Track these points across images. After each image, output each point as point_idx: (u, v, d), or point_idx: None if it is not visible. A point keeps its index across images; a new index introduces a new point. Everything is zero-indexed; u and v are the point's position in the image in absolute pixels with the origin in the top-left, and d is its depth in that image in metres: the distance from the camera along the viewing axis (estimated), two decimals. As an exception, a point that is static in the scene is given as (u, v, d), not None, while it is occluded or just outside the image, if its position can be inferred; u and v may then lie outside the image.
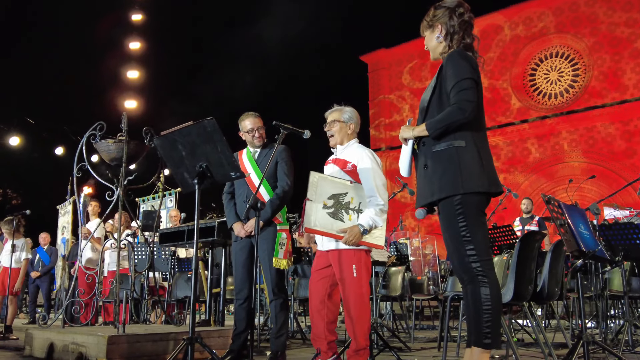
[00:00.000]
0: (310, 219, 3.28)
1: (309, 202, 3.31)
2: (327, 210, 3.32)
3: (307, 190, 3.33)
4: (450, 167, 2.52)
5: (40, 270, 9.30)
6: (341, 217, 3.33)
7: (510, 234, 5.20)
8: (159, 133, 4.55)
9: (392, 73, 23.15)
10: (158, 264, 6.94)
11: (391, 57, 23.21)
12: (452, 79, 2.56)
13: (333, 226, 3.30)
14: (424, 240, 8.64)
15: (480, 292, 2.45)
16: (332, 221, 3.31)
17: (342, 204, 3.34)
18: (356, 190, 3.38)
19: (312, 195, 3.30)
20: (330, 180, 3.38)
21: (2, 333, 6.22)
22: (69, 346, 3.93)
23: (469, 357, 2.48)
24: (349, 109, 3.64)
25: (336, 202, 3.34)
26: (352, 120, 3.60)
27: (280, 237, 4.09)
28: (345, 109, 3.63)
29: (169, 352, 3.96)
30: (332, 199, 3.33)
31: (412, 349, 4.88)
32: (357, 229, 3.26)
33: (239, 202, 4.13)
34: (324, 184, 3.34)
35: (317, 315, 3.45)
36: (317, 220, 3.28)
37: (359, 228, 3.26)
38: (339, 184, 3.37)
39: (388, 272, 6.31)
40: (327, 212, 3.32)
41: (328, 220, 3.30)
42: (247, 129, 4.16)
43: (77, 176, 4.68)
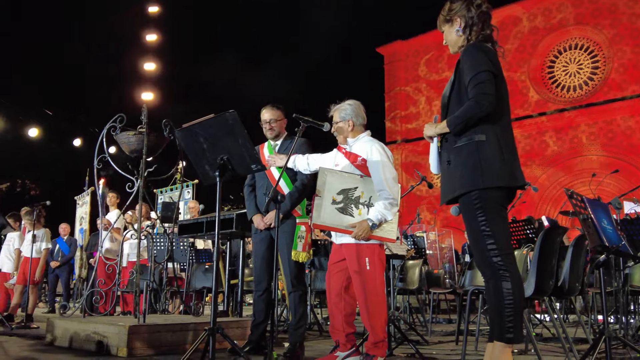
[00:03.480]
0: (318, 215, 3.29)
1: (318, 198, 3.31)
2: (336, 205, 3.32)
3: (316, 186, 3.34)
4: (470, 162, 2.51)
5: (60, 260, 9.43)
6: (351, 212, 3.32)
7: (530, 228, 5.16)
8: (177, 125, 4.59)
9: (408, 65, 23.01)
10: (176, 255, 6.99)
11: (407, 49, 23.07)
12: (469, 73, 2.54)
13: (342, 221, 3.30)
14: (440, 233, 8.63)
15: (502, 286, 2.43)
16: (341, 216, 3.31)
17: (351, 199, 3.34)
18: (366, 184, 3.37)
19: (321, 191, 3.31)
20: (339, 175, 3.37)
21: (23, 322, 6.33)
22: (90, 335, 3.99)
23: (491, 352, 2.47)
24: (345, 105, 3.59)
25: (345, 197, 3.33)
26: (349, 116, 3.55)
27: (299, 230, 4.09)
28: (342, 106, 3.59)
29: (188, 342, 4.01)
30: (341, 194, 3.33)
31: (429, 342, 4.87)
32: (366, 223, 3.26)
33: (259, 194, 4.14)
34: (332, 179, 3.34)
35: (334, 308, 3.47)
36: (326, 216, 3.29)
37: (368, 222, 3.26)
38: (348, 179, 3.37)
39: (405, 265, 6.30)
40: (336, 208, 3.32)
41: (337, 215, 3.30)
42: (262, 120, 4.18)
43: (97, 167, 4.72)
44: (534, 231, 5.22)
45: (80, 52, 17.71)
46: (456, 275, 8.55)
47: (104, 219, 6.41)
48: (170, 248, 4.80)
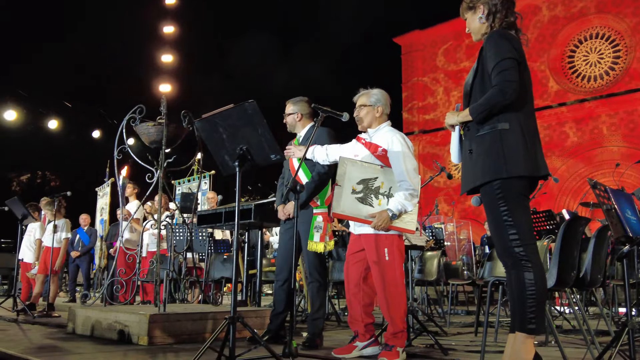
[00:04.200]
0: (338, 204, 3.28)
1: (337, 187, 3.30)
2: (355, 195, 3.31)
3: (336, 176, 3.33)
4: (493, 151, 2.48)
5: (80, 250, 9.56)
6: (370, 202, 3.31)
7: (550, 219, 5.11)
8: (195, 116, 4.61)
9: (425, 55, 22.81)
10: (195, 245, 7.05)
11: (425, 39, 22.85)
12: (492, 60, 2.51)
13: (362, 211, 3.29)
14: (458, 225, 8.58)
15: (524, 277, 2.41)
16: (360, 206, 3.30)
17: (371, 189, 3.32)
18: (386, 174, 3.35)
19: (341, 181, 3.30)
20: (359, 165, 3.36)
21: (45, 310, 6.42)
22: (111, 324, 4.04)
23: (513, 343, 2.45)
24: (376, 91, 3.58)
25: (365, 187, 3.32)
26: (379, 102, 3.54)
27: (315, 220, 4.09)
28: (372, 91, 3.58)
29: (208, 331, 4.05)
30: (361, 184, 3.32)
31: (448, 333, 4.86)
32: (386, 214, 3.24)
33: (283, 186, 4.19)
34: (352, 169, 3.32)
35: (353, 298, 3.48)
36: (345, 206, 3.28)
37: (388, 213, 3.24)
38: (368, 169, 3.35)
39: (424, 256, 6.28)
40: (356, 197, 3.30)
41: (356, 205, 3.29)
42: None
43: (117, 158, 4.76)
44: (555, 225, 5.16)
45: (99, 44, 17.84)
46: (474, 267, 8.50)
47: (124, 210, 6.46)
48: (190, 238, 4.84)
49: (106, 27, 17.81)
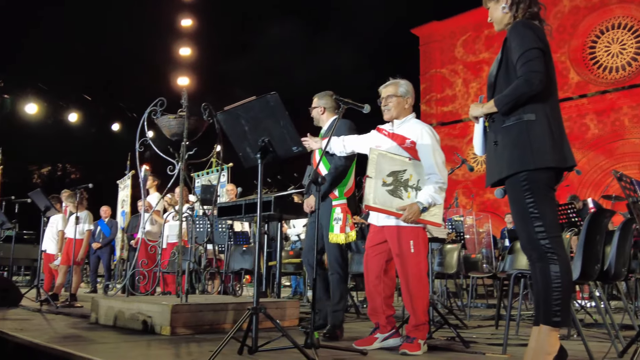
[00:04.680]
0: (369, 197, 3.27)
1: (369, 179, 3.29)
2: (386, 187, 3.29)
3: (367, 167, 3.32)
4: (520, 142, 2.45)
5: (101, 242, 9.68)
6: (400, 195, 3.30)
7: (573, 212, 5.05)
8: (215, 109, 4.64)
9: (444, 46, 22.58)
10: (214, 237, 7.11)
11: (444, 30, 22.61)
12: (517, 51, 2.48)
13: (392, 203, 3.28)
14: (478, 218, 8.52)
15: (550, 269, 2.39)
16: (391, 198, 3.29)
17: (401, 181, 3.31)
18: (415, 167, 3.34)
19: (372, 172, 3.28)
20: (389, 157, 3.34)
21: (68, 301, 6.52)
22: (134, 314, 4.09)
23: (537, 336, 2.44)
24: (404, 82, 3.57)
25: (395, 179, 3.31)
26: (408, 94, 3.53)
27: (334, 212, 4.10)
28: (401, 82, 3.56)
29: (229, 322, 4.08)
30: (391, 176, 3.31)
31: (468, 326, 4.84)
32: (417, 206, 3.23)
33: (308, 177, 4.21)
34: (383, 161, 3.31)
35: (374, 290, 3.47)
36: (377, 198, 3.27)
37: (418, 206, 3.23)
38: (398, 161, 3.34)
39: (443, 249, 6.26)
40: (387, 190, 3.29)
41: (387, 197, 3.28)
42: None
43: (139, 151, 4.80)
44: (576, 211, 5.10)
45: (118, 38, 17.96)
46: (494, 260, 8.46)
47: (146, 202, 6.52)
48: (211, 230, 4.88)
49: (125, 21, 17.91)
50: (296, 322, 4.63)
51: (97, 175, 16.37)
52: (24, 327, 3.97)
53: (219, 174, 5.84)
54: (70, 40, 17.92)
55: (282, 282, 9.68)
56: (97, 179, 7.68)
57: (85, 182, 7.18)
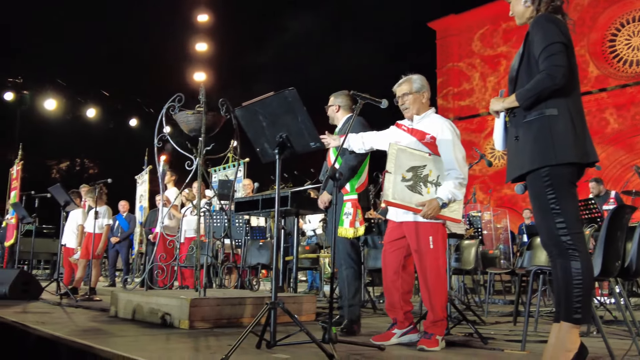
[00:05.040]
0: (388, 192, 3.26)
1: (388, 175, 3.27)
2: (405, 183, 3.28)
3: (386, 162, 3.31)
4: (541, 138, 2.42)
5: (120, 236, 9.79)
6: (419, 190, 3.28)
7: (592, 208, 4.99)
8: (232, 105, 4.66)
9: (461, 40, 22.38)
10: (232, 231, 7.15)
11: (461, 23, 22.41)
12: (539, 45, 2.44)
13: (412, 199, 3.27)
14: (495, 213, 8.46)
15: (571, 266, 2.37)
16: (410, 194, 3.27)
17: (420, 177, 3.29)
18: (435, 162, 3.31)
19: (391, 167, 3.27)
20: (409, 152, 3.33)
21: (87, 294, 6.61)
22: (152, 308, 4.13)
23: (557, 332, 2.42)
24: (417, 77, 3.53)
25: (415, 174, 3.29)
26: (423, 88, 3.50)
27: (344, 207, 4.11)
28: (414, 77, 3.53)
29: (247, 316, 4.11)
30: (410, 172, 3.29)
31: (486, 322, 4.82)
32: (436, 202, 3.21)
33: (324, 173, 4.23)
34: (402, 156, 3.29)
35: (392, 286, 3.47)
36: (396, 193, 3.25)
37: (438, 201, 3.21)
38: (417, 156, 3.32)
39: (461, 245, 6.23)
40: (406, 185, 3.28)
41: (407, 193, 3.27)
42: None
43: (157, 146, 4.84)
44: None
45: (135, 34, 18.08)
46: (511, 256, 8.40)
47: (164, 196, 6.58)
48: (228, 225, 4.90)
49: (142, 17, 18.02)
50: (313, 317, 4.64)
51: (115, 170, 16.52)
52: (45, 320, 4.03)
53: (236, 169, 5.86)
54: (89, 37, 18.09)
55: (298, 277, 9.72)
56: (115, 174, 7.76)
57: (104, 177, 7.26)
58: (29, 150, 12.28)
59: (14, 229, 10.14)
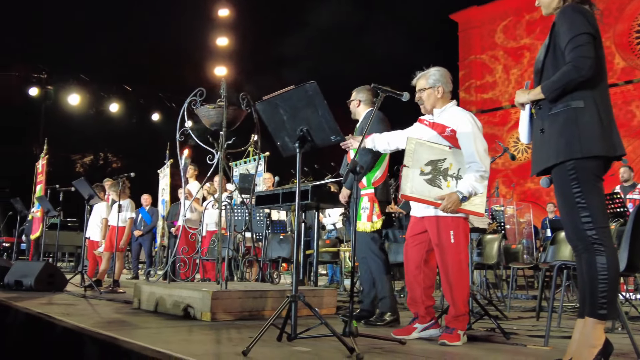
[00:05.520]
0: (406, 186, 3.24)
1: (406, 169, 3.26)
2: (424, 176, 3.25)
3: (404, 156, 3.29)
4: (567, 130, 2.38)
5: (143, 230, 9.91)
6: (439, 184, 3.25)
7: (618, 202, 4.90)
8: (253, 99, 4.67)
9: (484, 32, 22.10)
10: (252, 225, 7.18)
11: (483, 15, 22.12)
12: (566, 36, 2.39)
13: (430, 193, 3.24)
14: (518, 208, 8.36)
15: (596, 260, 2.33)
16: (429, 188, 3.25)
17: (440, 170, 3.26)
18: (455, 156, 3.28)
19: (409, 162, 3.25)
20: (428, 145, 3.30)
21: (111, 286, 6.71)
22: (175, 300, 4.18)
23: (582, 328, 2.38)
24: (433, 71, 3.50)
25: (434, 168, 3.26)
26: (438, 82, 3.45)
27: (362, 201, 4.12)
28: (430, 72, 3.50)
29: (268, 309, 4.13)
30: (429, 165, 3.26)
31: (509, 317, 4.77)
32: (456, 196, 3.18)
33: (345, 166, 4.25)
34: (421, 149, 3.27)
35: (413, 280, 3.46)
36: (414, 187, 3.23)
37: (458, 195, 3.18)
38: (437, 150, 3.29)
39: (483, 239, 6.16)
40: (425, 179, 3.25)
41: (425, 186, 3.24)
42: None
43: (179, 140, 4.88)
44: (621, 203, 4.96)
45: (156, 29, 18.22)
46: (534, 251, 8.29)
47: (186, 189, 6.63)
48: (249, 218, 4.92)
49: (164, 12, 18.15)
50: (333, 311, 4.65)
51: (137, 164, 16.72)
52: (70, 312, 4.10)
53: (256, 162, 5.88)
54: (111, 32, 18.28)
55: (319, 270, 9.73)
56: (137, 168, 7.86)
57: (126, 171, 7.35)
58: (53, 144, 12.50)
59: (39, 222, 10.35)
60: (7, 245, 13.51)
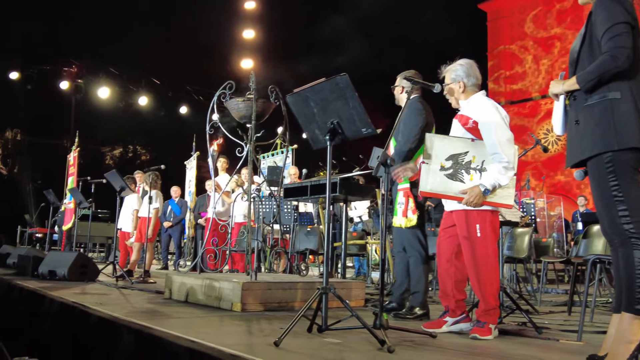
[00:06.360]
0: (425, 182, 3.22)
1: (424, 165, 3.24)
2: (444, 172, 3.22)
3: (423, 153, 3.27)
4: (603, 122, 2.33)
5: (172, 221, 10.05)
6: (461, 178, 3.21)
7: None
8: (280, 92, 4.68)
9: (513, 21, 21.71)
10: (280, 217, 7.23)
11: (513, 4, 21.72)
12: (603, 25, 2.34)
13: (452, 188, 3.21)
14: (549, 200, 8.23)
15: (634, 255, 2.28)
16: (450, 183, 3.21)
17: (461, 164, 3.22)
18: (478, 148, 3.22)
19: (427, 158, 3.23)
20: (447, 140, 3.26)
21: (142, 277, 6.82)
22: (206, 291, 4.23)
23: (618, 323, 2.34)
24: (456, 65, 3.45)
25: (455, 162, 3.22)
26: (459, 77, 3.41)
27: (398, 196, 4.10)
28: (453, 66, 3.46)
29: (297, 300, 4.16)
30: (450, 160, 3.22)
31: (540, 312, 4.72)
32: (478, 189, 3.14)
33: None
34: (440, 144, 3.23)
35: (444, 273, 3.44)
36: (434, 184, 3.21)
37: (480, 188, 3.13)
38: (457, 143, 3.25)
39: (514, 233, 6.09)
40: (445, 174, 3.22)
41: (446, 182, 3.21)
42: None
43: (209, 133, 4.93)
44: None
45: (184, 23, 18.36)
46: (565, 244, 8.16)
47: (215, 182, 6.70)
48: (277, 211, 4.96)
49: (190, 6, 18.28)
50: (362, 303, 4.66)
51: (165, 156, 16.94)
52: (103, 302, 4.19)
53: (284, 155, 5.91)
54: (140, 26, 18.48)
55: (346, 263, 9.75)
56: (165, 161, 7.96)
57: (155, 163, 7.45)
58: (84, 137, 12.74)
59: (71, 214, 10.57)
60: (40, 236, 13.83)
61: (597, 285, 5.78)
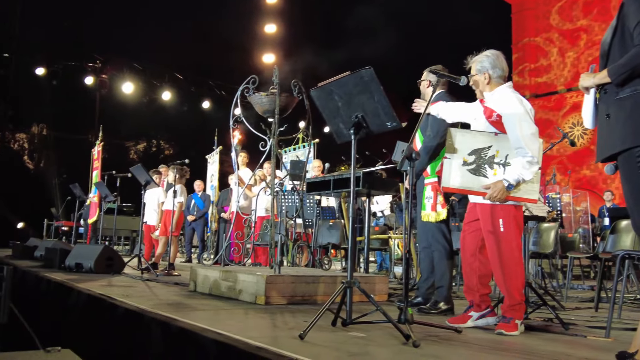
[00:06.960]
0: (447, 178, 3.19)
1: (446, 160, 3.21)
2: (467, 167, 3.19)
3: (445, 148, 3.24)
4: (635, 116, 2.28)
5: (196, 215, 10.15)
6: (484, 173, 3.18)
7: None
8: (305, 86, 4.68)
9: (538, 13, 21.33)
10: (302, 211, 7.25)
11: (537, -4, 21.43)
12: (635, 16, 2.28)
13: (475, 183, 3.18)
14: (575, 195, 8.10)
15: (666, 251, 2.24)
16: (473, 178, 3.18)
17: (484, 159, 3.18)
18: (501, 142, 3.18)
19: (450, 153, 3.20)
20: (470, 134, 3.23)
21: (166, 269, 6.91)
22: (230, 284, 4.27)
23: (649, 320, 2.30)
24: (481, 57, 3.40)
25: (478, 157, 3.19)
26: (485, 68, 3.36)
27: (425, 190, 4.08)
28: (479, 57, 3.41)
29: (320, 294, 4.17)
30: (473, 154, 3.19)
31: (566, 308, 4.66)
32: (501, 184, 3.10)
33: None
34: (462, 139, 3.20)
35: (469, 268, 3.42)
36: (456, 179, 3.18)
37: (503, 183, 3.10)
38: (481, 138, 3.21)
39: (540, 228, 6.01)
40: (468, 169, 3.19)
41: (469, 177, 3.18)
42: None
43: (232, 127, 4.96)
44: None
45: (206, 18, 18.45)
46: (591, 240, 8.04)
47: (237, 176, 6.74)
48: (300, 205, 4.97)
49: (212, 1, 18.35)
50: (385, 298, 4.65)
51: (188, 150, 17.08)
52: (129, 294, 4.25)
53: (307, 149, 5.91)
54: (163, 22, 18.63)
55: (368, 257, 9.75)
56: (189, 155, 8.02)
57: (178, 157, 7.52)
58: (108, 132, 12.91)
59: (96, 207, 10.75)
60: (66, 229, 14.07)
61: (625, 281, 5.69)
